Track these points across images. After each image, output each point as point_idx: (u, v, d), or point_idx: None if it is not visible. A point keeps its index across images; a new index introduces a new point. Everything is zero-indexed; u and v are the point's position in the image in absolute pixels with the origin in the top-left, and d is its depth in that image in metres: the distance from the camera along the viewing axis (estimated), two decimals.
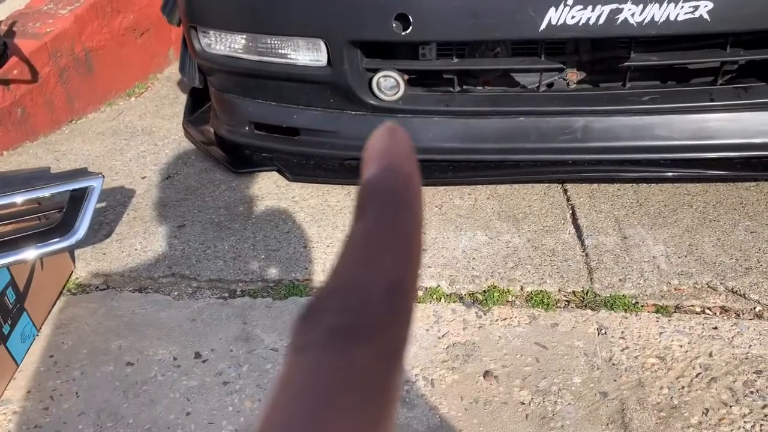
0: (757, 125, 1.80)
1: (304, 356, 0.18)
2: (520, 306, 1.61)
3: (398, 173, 0.22)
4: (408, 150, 0.22)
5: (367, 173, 0.22)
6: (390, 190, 0.21)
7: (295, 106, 2.06)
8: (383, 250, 0.20)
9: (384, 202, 0.21)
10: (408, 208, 0.21)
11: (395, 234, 0.20)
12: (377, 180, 0.21)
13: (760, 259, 1.66)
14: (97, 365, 1.51)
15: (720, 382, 1.37)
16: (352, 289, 0.19)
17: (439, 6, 1.70)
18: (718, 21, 1.61)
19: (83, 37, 2.80)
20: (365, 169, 0.22)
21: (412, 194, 0.21)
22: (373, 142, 0.23)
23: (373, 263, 0.20)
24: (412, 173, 0.22)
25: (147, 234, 1.93)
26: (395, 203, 0.21)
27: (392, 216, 0.21)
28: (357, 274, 0.19)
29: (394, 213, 0.21)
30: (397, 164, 0.22)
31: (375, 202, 0.21)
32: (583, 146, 1.87)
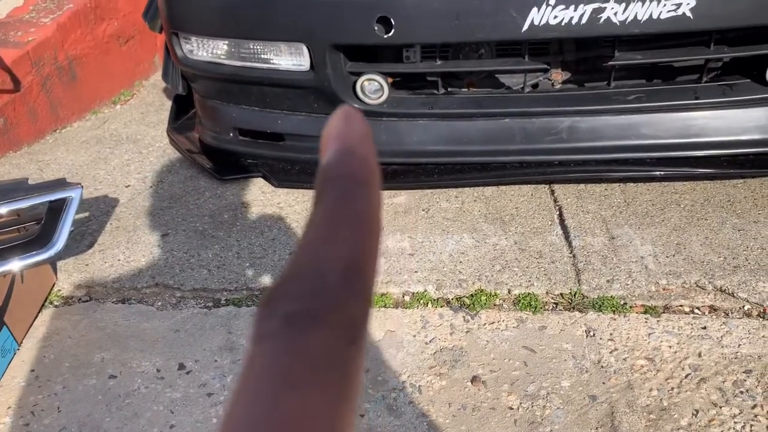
0: (743, 122, 1.79)
1: (263, 344, 0.19)
2: (508, 309, 1.60)
3: (353, 156, 0.22)
4: (363, 132, 0.22)
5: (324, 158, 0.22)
6: (345, 173, 0.21)
7: (279, 112, 2.05)
8: (339, 232, 0.20)
9: (340, 185, 0.21)
10: (363, 189, 0.21)
11: (351, 215, 0.20)
12: (333, 164, 0.21)
13: (748, 257, 1.65)
14: (80, 379, 1.49)
15: (709, 382, 1.36)
16: (308, 274, 0.19)
17: (421, 8, 1.69)
18: (701, 18, 1.60)
19: (66, 45, 2.78)
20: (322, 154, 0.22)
21: (367, 176, 0.21)
22: (329, 126, 0.23)
23: (328, 246, 0.20)
24: (367, 155, 0.22)
25: (130, 244, 1.91)
26: (350, 185, 0.21)
27: (348, 198, 0.21)
28: (313, 258, 0.20)
29: (349, 195, 0.21)
30: (352, 147, 0.22)
31: (331, 186, 0.21)
32: (569, 146, 1.86)
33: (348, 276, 0.19)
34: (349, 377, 0.19)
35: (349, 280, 0.19)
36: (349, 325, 0.19)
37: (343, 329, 0.19)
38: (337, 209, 0.21)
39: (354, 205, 0.21)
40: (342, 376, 0.19)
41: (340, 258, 0.19)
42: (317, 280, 0.19)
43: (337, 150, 0.22)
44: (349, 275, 0.19)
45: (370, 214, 0.21)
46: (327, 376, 0.18)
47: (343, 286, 0.19)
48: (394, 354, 1.49)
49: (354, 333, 0.19)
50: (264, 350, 0.18)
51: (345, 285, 0.19)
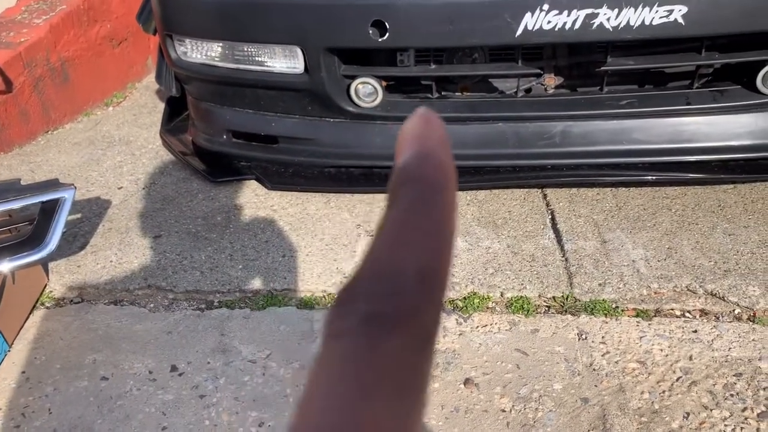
0: (733, 128, 1.81)
1: (339, 343, 0.18)
2: (501, 312, 1.60)
3: (430, 159, 0.21)
4: (441, 136, 0.22)
5: (400, 160, 0.22)
6: (422, 176, 0.21)
7: (273, 114, 2.05)
8: (415, 236, 0.20)
9: (416, 188, 0.21)
10: (440, 194, 0.21)
11: (427, 220, 0.20)
12: (410, 167, 0.21)
13: (739, 261, 1.66)
14: (71, 380, 1.48)
15: (700, 385, 1.37)
16: (385, 276, 0.19)
17: (416, 12, 1.69)
18: (693, 25, 1.62)
19: (59, 46, 2.77)
20: (398, 156, 0.22)
21: (444, 180, 0.21)
22: (407, 128, 0.23)
23: (405, 249, 0.20)
24: (444, 159, 0.22)
25: (122, 245, 1.90)
26: (427, 189, 0.21)
27: (424, 202, 0.20)
28: (389, 260, 0.19)
29: (426, 199, 0.21)
30: (429, 150, 0.22)
31: (407, 189, 0.21)
32: (561, 151, 1.87)
33: (423, 281, 0.19)
34: (420, 384, 0.19)
35: (425, 284, 0.19)
36: (425, 331, 0.19)
37: (419, 334, 0.19)
38: (412, 213, 0.20)
39: (430, 210, 0.20)
40: (414, 384, 0.18)
41: (416, 263, 0.19)
42: (394, 283, 0.19)
43: (415, 153, 0.22)
44: (425, 280, 0.19)
45: (445, 220, 0.21)
46: (401, 383, 0.18)
47: (420, 290, 0.19)
48: None
49: (429, 338, 0.19)
50: (339, 350, 0.18)
51: (421, 289, 0.19)
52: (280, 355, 1.50)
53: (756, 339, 1.46)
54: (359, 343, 0.18)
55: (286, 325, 1.59)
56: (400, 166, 0.22)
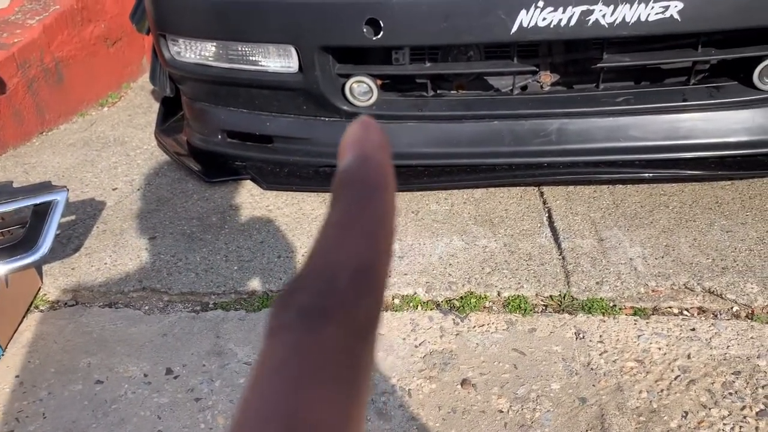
0: (730, 124, 1.80)
1: (277, 337, 0.20)
2: (498, 312, 1.59)
3: (369, 162, 0.23)
4: (380, 140, 0.23)
5: (341, 164, 0.23)
6: (361, 178, 0.22)
7: (267, 114, 2.03)
8: (352, 234, 0.21)
9: (355, 189, 0.22)
10: (379, 194, 0.22)
11: (365, 219, 0.21)
12: (349, 169, 0.22)
13: (736, 258, 1.65)
14: (65, 384, 1.47)
15: (699, 384, 1.36)
16: (322, 272, 0.20)
17: (410, 10, 1.68)
18: (689, 21, 1.61)
19: (53, 47, 2.75)
20: (339, 160, 0.23)
21: (383, 181, 0.22)
22: (347, 134, 0.24)
23: (342, 247, 0.21)
24: (383, 161, 0.23)
25: (117, 247, 1.89)
26: (366, 190, 0.22)
27: (363, 202, 0.22)
28: (327, 258, 0.21)
29: (364, 199, 0.22)
30: (368, 154, 0.23)
31: (347, 190, 0.22)
32: (558, 148, 1.86)
33: (358, 276, 0.20)
34: (360, 372, 0.20)
35: (359, 280, 0.20)
36: (359, 323, 0.20)
37: (353, 326, 0.20)
38: (351, 212, 0.21)
39: (367, 208, 0.22)
40: (353, 372, 0.19)
41: (351, 259, 0.21)
42: (330, 279, 0.20)
43: (354, 156, 0.23)
44: (359, 275, 0.20)
45: (382, 218, 0.22)
46: (339, 371, 0.19)
47: (353, 285, 0.20)
48: (384, 357, 1.48)
49: (364, 330, 0.20)
50: (277, 343, 0.19)
51: (355, 285, 0.20)
52: None
53: (754, 337, 1.46)
54: (296, 334, 0.19)
55: None
56: (341, 170, 0.23)
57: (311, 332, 0.19)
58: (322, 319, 0.19)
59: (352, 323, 0.20)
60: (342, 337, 0.20)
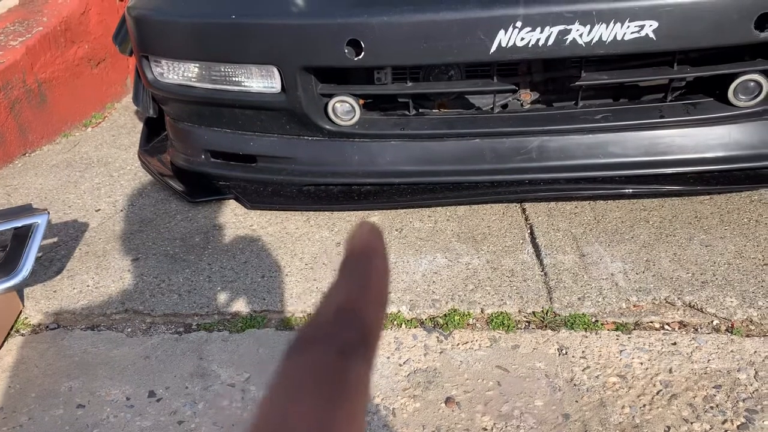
0: (707, 140, 1.83)
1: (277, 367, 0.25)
2: (481, 329, 1.60)
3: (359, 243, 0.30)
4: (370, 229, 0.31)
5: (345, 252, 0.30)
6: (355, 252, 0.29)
7: (251, 133, 2.04)
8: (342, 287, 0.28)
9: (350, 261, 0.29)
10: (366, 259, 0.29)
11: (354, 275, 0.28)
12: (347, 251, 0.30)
13: (716, 272, 1.67)
14: (46, 409, 1.45)
15: (680, 398, 1.37)
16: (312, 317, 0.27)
17: (391, 31, 1.70)
18: (664, 39, 1.64)
19: (36, 68, 2.75)
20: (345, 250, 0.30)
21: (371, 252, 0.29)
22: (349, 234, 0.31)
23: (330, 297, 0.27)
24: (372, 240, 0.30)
25: (100, 269, 1.88)
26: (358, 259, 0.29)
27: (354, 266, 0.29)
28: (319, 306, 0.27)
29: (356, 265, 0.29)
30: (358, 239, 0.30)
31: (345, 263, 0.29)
32: (539, 165, 1.88)
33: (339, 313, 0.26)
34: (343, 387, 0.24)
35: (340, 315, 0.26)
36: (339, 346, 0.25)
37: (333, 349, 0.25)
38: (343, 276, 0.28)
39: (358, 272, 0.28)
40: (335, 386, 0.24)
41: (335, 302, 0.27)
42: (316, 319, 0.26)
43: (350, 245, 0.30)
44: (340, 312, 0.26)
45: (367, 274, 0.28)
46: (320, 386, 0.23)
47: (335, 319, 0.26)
48: None
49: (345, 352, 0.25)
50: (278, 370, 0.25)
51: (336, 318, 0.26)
52: (260, 378, 1.49)
53: (734, 350, 1.47)
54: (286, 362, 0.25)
55: (265, 347, 1.57)
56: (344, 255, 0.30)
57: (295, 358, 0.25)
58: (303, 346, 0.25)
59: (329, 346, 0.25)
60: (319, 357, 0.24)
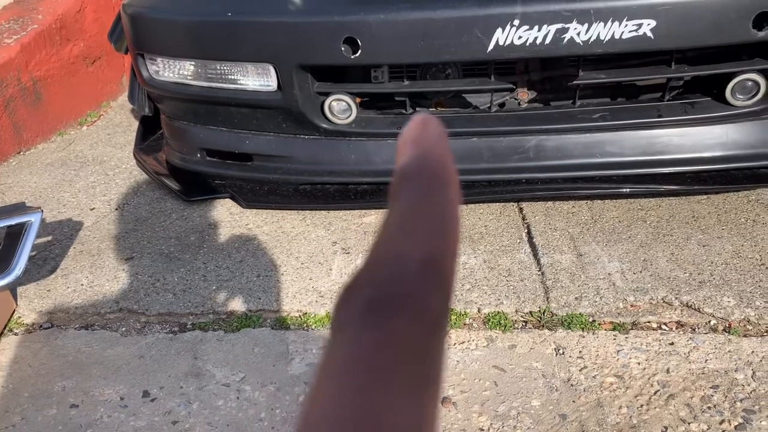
0: (705, 139, 1.82)
1: (344, 333, 0.18)
2: (478, 328, 1.59)
3: (429, 157, 0.22)
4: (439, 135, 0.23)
5: (399, 160, 0.23)
6: (422, 172, 0.22)
7: (247, 132, 2.03)
8: (416, 226, 0.20)
9: (417, 184, 0.21)
10: (440, 187, 0.22)
11: (428, 211, 0.21)
12: (409, 166, 0.22)
13: (713, 272, 1.67)
14: (39, 409, 1.44)
15: (678, 398, 1.36)
16: (387, 263, 0.19)
17: (387, 29, 1.69)
18: (662, 38, 1.63)
19: (30, 66, 2.73)
20: (398, 159, 0.23)
21: (444, 174, 0.22)
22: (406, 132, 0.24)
23: (407, 239, 0.20)
24: (443, 155, 0.22)
25: (94, 268, 1.86)
26: (427, 184, 0.21)
27: (425, 196, 0.21)
28: (391, 249, 0.20)
29: (425, 193, 0.21)
30: (427, 150, 0.22)
31: (408, 185, 0.22)
32: (536, 165, 1.87)
33: (427, 267, 0.19)
34: (432, 367, 0.18)
35: (428, 270, 0.19)
36: (431, 314, 0.19)
37: (424, 318, 0.19)
38: (416, 206, 0.21)
39: (433, 201, 0.21)
40: (425, 366, 0.18)
41: (420, 250, 0.20)
42: (397, 269, 0.19)
43: (413, 153, 0.22)
44: (428, 266, 0.19)
45: (448, 211, 0.21)
46: (411, 366, 0.18)
47: (423, 275, 0.19)
48: None
49: (436, 321, 0.19)
50: (345, 340, 0.18)
51: (424, 275, 0.19)
52: (255, 378, 1.48)
53: (732, 350, 1.47)
54: (363, 330, 0.18)
55: (260, 346, 1.56)
56: (399, 168, 0.22)
57: (379, 327, 0.18)
58: (391, 311, 0.18)
59: (423, 316, 0.19)
60: (412, 331, 0.18)
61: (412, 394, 0.17)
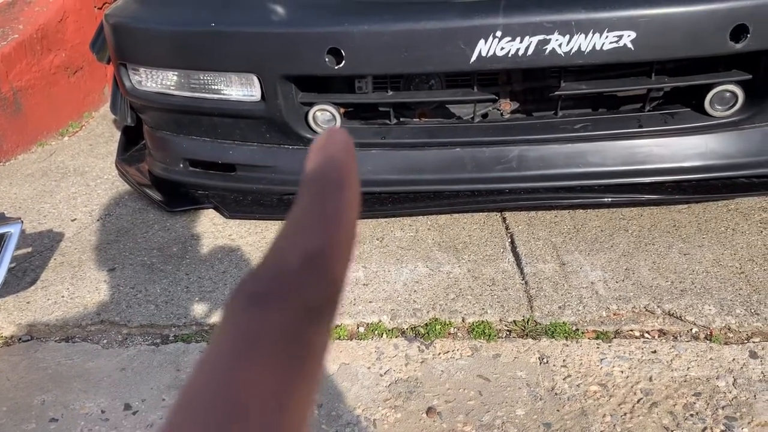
0: (685, 149, 1.85)
1: (225, 322, 0.20)
2: (462, 338, 1.59)
3: (329, 164, 0.24)
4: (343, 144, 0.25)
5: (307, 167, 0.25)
6: (319, 178, 0.23)
7: (230, 142, 2.02)
8: (305, 225, 0.22)
9: (312, 187, 0.23)
10: (335, 190, 0.23)
11: (318, 212, 0.22)
12: (310, 172, 0.24)
13: (694, 280, 1.68)
14: (18, 423, 1.42)
15: (661, 406, 1.37)
16: (272, 261, 0.21)
17: (371, 40, 1.70)
18: (642, 50, 1.66)
19: (11, 76, 2.71)
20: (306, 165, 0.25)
21: (341, 179, 0.23)
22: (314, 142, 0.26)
23: (294, 238, 0.22)
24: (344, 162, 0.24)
25: (75, 280, 1.84)
26: (322, 187, 0.23)
27: (318, 198, 0.23)
28: (279, 249, 0.22)
29: (319, 195, 0.23)
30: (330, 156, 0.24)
31: (305, 189, 0.23)
32: (519, 175, 1.89)
33: (307, 262, 0.21)
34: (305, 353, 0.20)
35: (309, 266, 0.21)
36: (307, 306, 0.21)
37: (300, 308, 0.20)
38: (309, 207, 0.23)
39: (325, 203, 0.23)
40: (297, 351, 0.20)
41: (302, 247, 0.21)
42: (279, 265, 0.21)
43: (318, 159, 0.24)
44: (308, 262, 0.21)
45: (340, 212, 0.23)
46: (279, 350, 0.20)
47: (302, 271, 0.21)
48: (349, 387, 1.46)
49: (312, 313, 0.21)
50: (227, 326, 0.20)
51: (304, 270, 0.21)
52: None
53: (713, 357, 1.48)
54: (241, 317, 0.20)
55: None
56: (304, 174, 0.24)
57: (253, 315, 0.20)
58: (265, 302, 0.20)
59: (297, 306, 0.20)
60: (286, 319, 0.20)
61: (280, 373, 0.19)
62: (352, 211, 0.23)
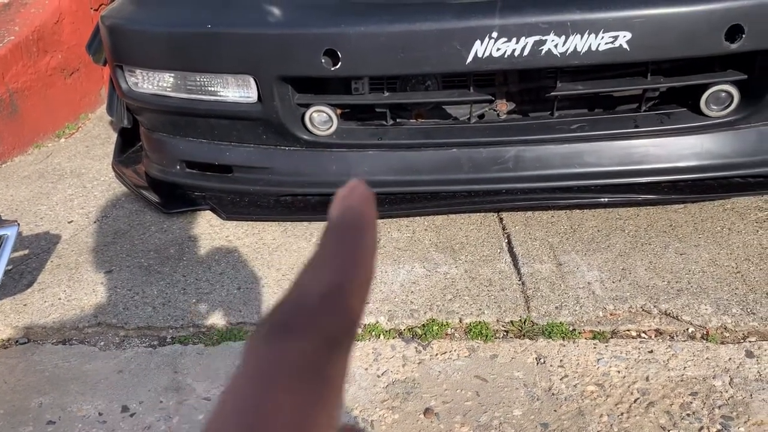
0: (680, 149, 1.85)
1: (249, 351, 0.22)
2: (459, 338, 1.59)
3: (350, 212, 0.26)
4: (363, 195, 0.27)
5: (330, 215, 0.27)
6: (340, 224, 0.25)
7: (227, 144, 2.02)
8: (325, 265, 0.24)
9: (333, 233, 0.25)
10: (355, 235, 0.25)
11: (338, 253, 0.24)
12: (331, 219, 0.26)
13: (691, 280, 1.69)
14: (15, 426, 1.41)
15: (657, 406, 1.37)
16: (294, 296, 0.23)
17: (368, 41, 1.70)
18: (637, 50, 1.66)
19: (7, 78, 2.70)
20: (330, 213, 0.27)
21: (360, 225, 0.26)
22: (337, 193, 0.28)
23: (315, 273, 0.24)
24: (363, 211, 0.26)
25: (72, 282, 1.84)
26: (343, 232, 0.25)
27: (338, 241, 0.25)
28: (299, 285, 0.23)
29: (340, 239, 0.25)
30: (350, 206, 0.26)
31: (327, 235, 0.25)
32: (515, 175, 1.89)
33: (327, 296, 0.23)
34: (325, 380, 0.22)
35: (328, 299, 0.23)
36: (325, 336, 0.22)
37: (320, 338, 0.22)
38: (329, 249, 0.25)
39: (345, 246, 0.25)
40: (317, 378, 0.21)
41: (322, 283, 0.23)
42: (299, 300, 0.23)
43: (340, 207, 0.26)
44: (328, 296, 0.23)
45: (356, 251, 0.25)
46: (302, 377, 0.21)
47: (321, 305, 0.23)
48: (346, 389, 1.46)
49: (331, 342, 0.22)
50: (250, 356, 0.22)
51: (323, 304, 0.23)
52: None
53: (709, 357, 1.48)
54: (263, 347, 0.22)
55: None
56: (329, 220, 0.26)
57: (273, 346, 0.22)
58: (286, 332, 0.22)
59: (315, 336, 0.22)
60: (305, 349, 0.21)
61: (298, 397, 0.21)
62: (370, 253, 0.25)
